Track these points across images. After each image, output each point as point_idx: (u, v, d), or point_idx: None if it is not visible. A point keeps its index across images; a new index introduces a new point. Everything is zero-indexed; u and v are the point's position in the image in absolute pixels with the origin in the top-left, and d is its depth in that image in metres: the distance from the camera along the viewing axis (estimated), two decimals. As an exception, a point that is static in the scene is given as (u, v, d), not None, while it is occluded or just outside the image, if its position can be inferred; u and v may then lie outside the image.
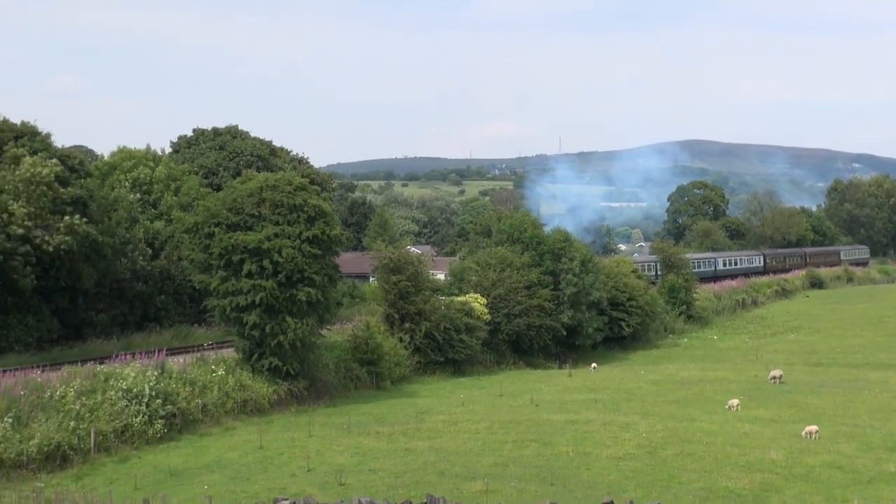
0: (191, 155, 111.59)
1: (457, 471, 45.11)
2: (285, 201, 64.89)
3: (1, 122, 76.80)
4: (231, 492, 41.99)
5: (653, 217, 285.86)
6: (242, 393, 60.69)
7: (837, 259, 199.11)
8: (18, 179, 68.16)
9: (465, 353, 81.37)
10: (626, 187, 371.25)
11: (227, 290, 63.27)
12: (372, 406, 65.08)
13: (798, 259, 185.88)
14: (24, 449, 46.70)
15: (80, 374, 54.23)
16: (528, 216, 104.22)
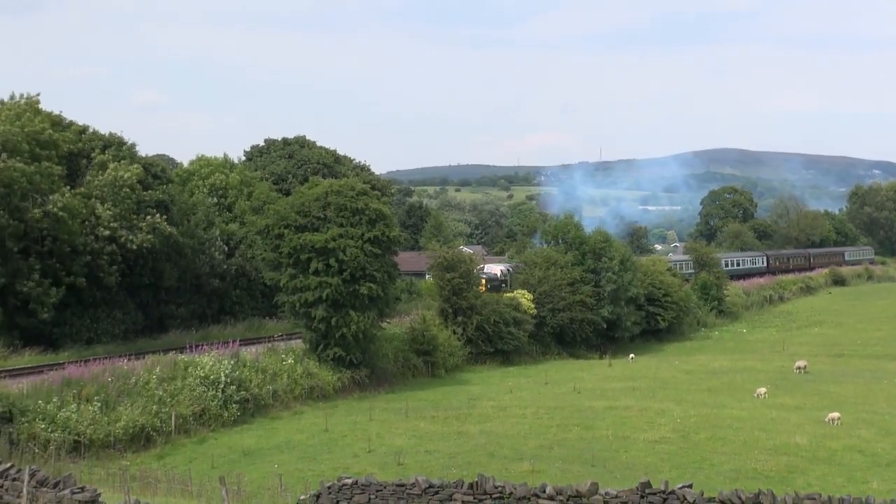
0: (262, 163, 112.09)
1: (505, 452, 45.04)
2: (349, 205, 65.10)
3: (90, 133, 77.48)
4: (299, 470, 42.10)
5: (686, 219, 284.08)
6: (309, 380, 60.90)
7: (841, 260, 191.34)
8: (104, 184, 68.79)
9: (513, 344, 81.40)
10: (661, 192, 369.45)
11: (296, 286, 63.58)
12: (427, 393, 65.13)
13: (801, 260, 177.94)
14: (111, 430, 47.09)
15: (162, 362, 54.64)
16: (570, 219, 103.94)
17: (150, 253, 69.78)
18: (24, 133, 63.97)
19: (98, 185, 68.86)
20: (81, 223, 66.05)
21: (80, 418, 46.42)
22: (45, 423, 45.36)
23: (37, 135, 65.55)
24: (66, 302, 65.29)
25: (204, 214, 79.89)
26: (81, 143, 74.63)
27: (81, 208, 66.27)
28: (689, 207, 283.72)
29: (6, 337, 60.74)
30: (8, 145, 62.75)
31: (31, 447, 43.79)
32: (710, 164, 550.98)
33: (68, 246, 65.17)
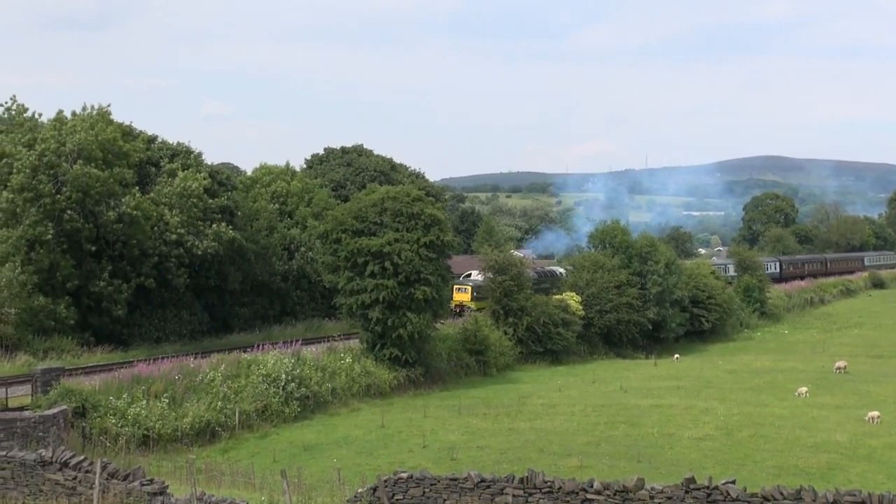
0: (322, 170, 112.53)
1: (554, 448, 44.91)
2: (404, 210, 65.21)
3: (159, 143, 78.26)
4: (357, 464, 42.18)
5: (729, 224, 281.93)
6: (367, 378, 61.01)
7: (861, 265, 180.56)
8: (173, 192, 69.44)
9: (561, 344, 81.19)
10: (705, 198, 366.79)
11: (353, 288, 63.78)
12: (479, 391, 65.06)
13: (818, 265, 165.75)
14: (178, 426, 47.43)
15: (226, 360, 54.96)
16: (617, 224, 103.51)
17: (216, 257, 70.35)
18: (97, 141, 64.70)
19: (167, 193, 69.55)
20: (151, 227, 66.75)
21: (149, 414, 46.80)
22: (115, 418, 45.78)
23: (109, 143, 66.27)
24: (136, 303, 65.97)
25: (266, 220, 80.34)
26: (151, 152, 75.41)
27: (152, 211, 66.97)
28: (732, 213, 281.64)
29: (80, 336, 61.40)
30: (83, 153, 63.49)
31: (103, 441, 44.24)
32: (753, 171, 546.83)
33: (138, 249, 65.89)
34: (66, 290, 62.60)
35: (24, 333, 58.25)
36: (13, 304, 57.82)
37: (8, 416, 42.47)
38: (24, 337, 58.11)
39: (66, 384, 46.38)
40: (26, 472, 24.27)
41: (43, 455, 24.20)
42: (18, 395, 46.35)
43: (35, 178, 61.48)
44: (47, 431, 42.27)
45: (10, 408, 44.41)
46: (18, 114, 70.18)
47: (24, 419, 42.27)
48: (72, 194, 62.54)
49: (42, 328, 59.52)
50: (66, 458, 23.83)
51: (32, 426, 42.11)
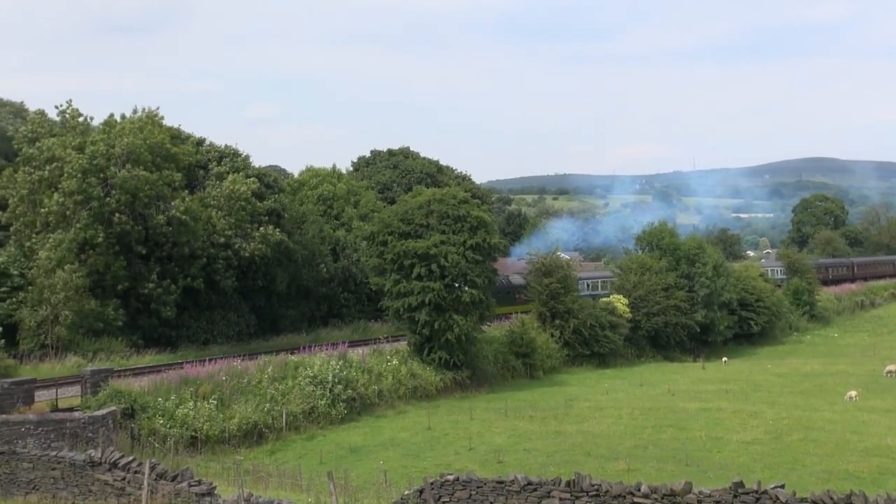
0: (369, 173, 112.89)
1: (601, 452, 44.73)
2: (450, 213, 65.21)
3: (207, 146, 78.87)
4: (403, 467, 42.20)
5: (779, 227, 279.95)
6: (413, 381, 61.05)
7: (892, 269, 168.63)
8: (221, 195, 69.95)
9: (609, 347, 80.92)
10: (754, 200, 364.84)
11: (400, 291, 63.83)
12: (526, 393, 64.91)
13: (844, 270, 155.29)
14: (226, 427, 47.66)
15: (273, 362, 55.19)
16: (665, 226, 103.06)
17: (263, 259, 70.79)
18: (146, 144, 65.28)
19: (215, 196, 70.12)
20: (200, 229, 67.29)
21: (196, 415, 47.07)
22: (164, 419, 46.10)
23: (158, 146, 66.87)
24: (184, 305, 66.47)
25: (314, 223, 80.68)
26: (199, 155, 76.02)
27: (200, 213, 67.51)
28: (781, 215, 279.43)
29: (129, 338, 61.92)
30: (132, 156, 64.08)
31: (151, 442, 44.54)
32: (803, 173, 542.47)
33: (187, 249, 66.45)
34: (116, 292, 63.22)
35: (74, 335, 58.86)
36: (67, 307, 58.43)
37: (58, 416, 42.88)
38: (74, 338, 58.71)
39: (115, 385, 46.77)
40: (76, 473, 24.49)
41: (92, 456, 24.40)
42: (68, 396, 46.82)
43: (85, 182, 62.15)
44: (96, 432, 42.63)
45: (60, 408, 44.85)
46: (72, 117, 70.91)
47: (73, 420, 42.67)
48: (121, 197, 63.17)
49: (92, 330, 60.12)
50: (115, 458, 24.03)
51: (82, 427, 42.49)
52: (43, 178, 63.91)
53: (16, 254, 64.69)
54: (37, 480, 25.26)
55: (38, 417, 42.16)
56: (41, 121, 71.72)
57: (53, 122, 72.18)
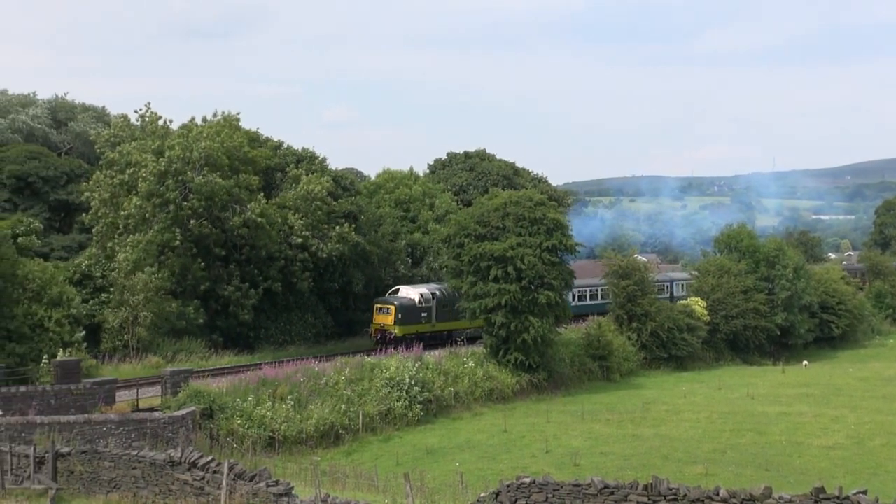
0: (445, 175, 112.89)
1: (679, 455, 44.46)
2: (527, 215, 65.08)
3: (285, 149, 79.62)
4: (479, 469, 42.22)
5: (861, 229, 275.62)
6: (489, 383, 61.02)
7: None
8: (297, 196, 70.56)
9: (686, 350, 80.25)
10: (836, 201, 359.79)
11: (476, 293, 63.83)
12: (603, 396, 64.62)
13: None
14: (303, 428, 48.03)
15: (350, 364, 55.50)
16: (744, 228, 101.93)
17: (340, 260, 71.28)
18: (223, 148, 66.02)
19: (291, 198, 70.73)
20: (277, 231, 67.90)
21: (274, 416, 47.48)
22: (242, 419, 46.55)
23: (235, 150, 67.63)
24: (261, 307, 67.03)
25: (390, 225, 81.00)
26: (277, 158, 76.75)
27: (277, 216, 68.11)
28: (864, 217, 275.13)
29: (208, 339, 62.65)
30: (209, 160, 64.85)
31: (230, 442, 45.02)
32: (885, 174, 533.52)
33: (265, 251, 67.10)
34: (196, 294, 64.00)
35: (155, 336, 59.67)
36: (147, 308, 59.25)
37: (139, 416, 43.48)
38: (154, 339, 59.52)
39: (194, 386, 47.36)
40: (156, 472, 24.80)
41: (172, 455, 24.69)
42: (149, 397, 47.54)
43: (163, 185, 63.02)
44: (176, 432, 43.16)
45: (141, 408, 45.54)
46: (151, 122, 71.93)
47: (154, 420, 43.24)
48: (198, 201, 63.95)
49: (172, 331, 60.93)
50: (195, 458, 24.28)
51: (162, 427, 43.04)
52: (124, 181, 64.91)
53: (98, 255, 65.76)
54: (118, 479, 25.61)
55: (119, 417, 42.78)
56: (122, 125, 72.88)
57: (134, 126, 73.29)
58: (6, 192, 79.48)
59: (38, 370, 50.46)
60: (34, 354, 52.84)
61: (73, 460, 26.70)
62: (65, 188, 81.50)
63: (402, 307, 68.21)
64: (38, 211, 78.52)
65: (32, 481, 26.70)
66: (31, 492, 26.11)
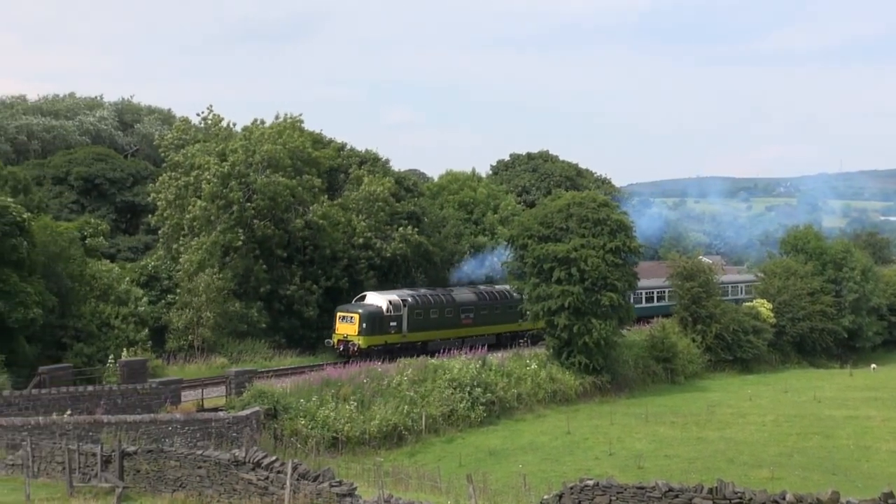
0: (507, 176, 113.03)
1: (744, 459, 44.09)
2: (590, 216, 64.80)
3: (348, 150, 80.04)
4: (542, 471, 42.14)
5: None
6: (552, 384, 60.84)
7: None
8: (359, 197, 70.93)
9: (752, 352, 79.52)
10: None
11: (539, 294, 63.69)
12: (667, 398, 64.22)
13: None
14: (366, 428, 48.13)
15: (413, 365, 55.55)
16: (810, 229, 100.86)
17: (403, 261, 71.46)
18: (286, 150, 66.50)
19: (354, 199, 71.09)
20: (340, 232, 68.29)
21: (337, 416, 47.64)
22: (305, 419, 46.76)
23: (298, 151, 68.10)
24: (325, 306, 67.33)
25: (453, 227, 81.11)
26: (340, 160, 77.18)
27: (340, 217, 68.48)
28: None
29: (271, 339, 63.08)
30: (272, 162, 65.35)
31: (293, 442, 45.24)
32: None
33: (329, 250, 67.50)
34: (259, 295, 64.49)
35: (219, 336, 60.20)
36: (210, 309, 59.78)
37: (204, 416, 43.84)
38: (219, 340, 60.05)
39: (258, 386, 47.67)
40: (221, 472, 24.98)
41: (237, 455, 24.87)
42: (213, 397, 47.93)
43: (226, 187, 63.58)
44: (240, 432, 43.48)
45: (206, 408, 45.91)
46: (214, 124, 72.63)
47: (218, 420, 43.58)
48: (261, 201, 64.45)
49: (236, 332, 61.43)
50: (259, 458, 24.44)
51: (226, 427, 43.38)
52: (189, 183, 65.58)
53: (164, 257, 66.51)
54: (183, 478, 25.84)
55: (184, 417, 43.17)
56: (185, 128, 73.69)
57: (197, 128, 74.08)
58: (74, 193, 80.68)
59: (104, 370, 51.14)
60: (101, 355, 53.61)
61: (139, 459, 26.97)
62: (131, 190, 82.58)
63: (367, 315, 61.91)
64: (105, 212, 79.67)
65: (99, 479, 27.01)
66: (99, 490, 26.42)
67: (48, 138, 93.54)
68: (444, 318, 66.69)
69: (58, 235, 57.44)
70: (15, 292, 49.62)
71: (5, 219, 50.53)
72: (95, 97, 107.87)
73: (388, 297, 63.51)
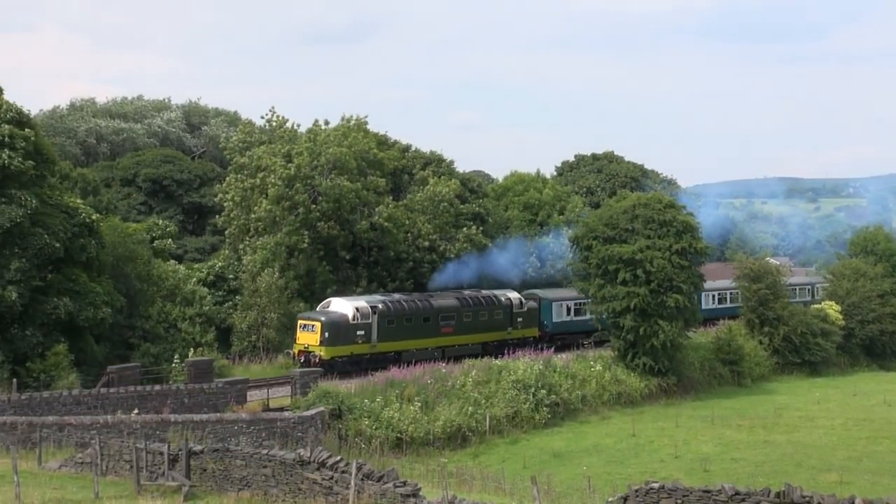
0: (572, 177, 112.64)
1: (813, 463, 43.63)
2: (656, 217, 64.42)
3: (413, 152, 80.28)
4: (607, 473, 41.98)
5: None
6: (617, 386, 60.57)
7: None
8: (424, 198, 71.10)
9: (820, 355, 78.53)
10: None
11: (604, 296, 63.42)
12: (733, 401, 63.64)
13: None
14: (430, 429, 48.24)
15: (477, 366, 55.56)
16: (880, 230, 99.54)
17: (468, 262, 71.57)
18: (351, 152, 66.80)
19: (419, 200, 71.28)
20: (405, 234, 68.49)
21: (401, 417, 47.75)
22: (370, 420, 46.94)
23: (363, 153, 68.39)
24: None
25: (518, 228, 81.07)
26: (405, 161, 77.41)
27: (404, 219, 68.66)
28: None
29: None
30: (337, 164, 65.68)
31: (358, 442, 45.47)
32: None
33: (393, 252, 67.74)
34: (324, 296, 64.82)
35: (284, 337, 60.53)
36: (274, 309, 60.18)
37: (269, 416, 44.17)
38: (284, 340, 60.39)
39: (323, 387, 47.92)
40: (286, 471, 25.12)
41: (302, 455, 24.98)
42: (279, 397, 48.29)
43: (291, 189, 64.00)
44: (305, 432, 43.74)
45: (271, 408, 46.25)
46: (278, 126, 73.15)
47: (283, 420, 43.88)
48: (326, 203, 64.79)
49: (300, 332, 61.78)
50: (324, 458, 24.53)
51: (291, 426, 43.66)
52: (255, 185, 66.09)
53: (230, 258, 67.09)
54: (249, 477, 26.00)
55: (250, 416, 43.52)
56: (249, 130, 74.30)
57: (262, 130, 74.68)
58: (142, 195, 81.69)
59: (171, 370, 51.72)
60: (167, 354, 54.26)
61: (205, 458, 27.19)
62: (198, 191, 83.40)
63: (329, 324, 56.30)
64: (172, 213, 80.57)
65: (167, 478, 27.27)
66: (166, 488, 26.67)
67: (117, 140, 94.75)
68: (420, 326, 61.08)
69: (126, 236, 58.26)
70: (84, 292, 50.38)
71: (75, 220, 51.34)
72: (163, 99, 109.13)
73: (355, 304, 58.21)
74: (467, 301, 64.93)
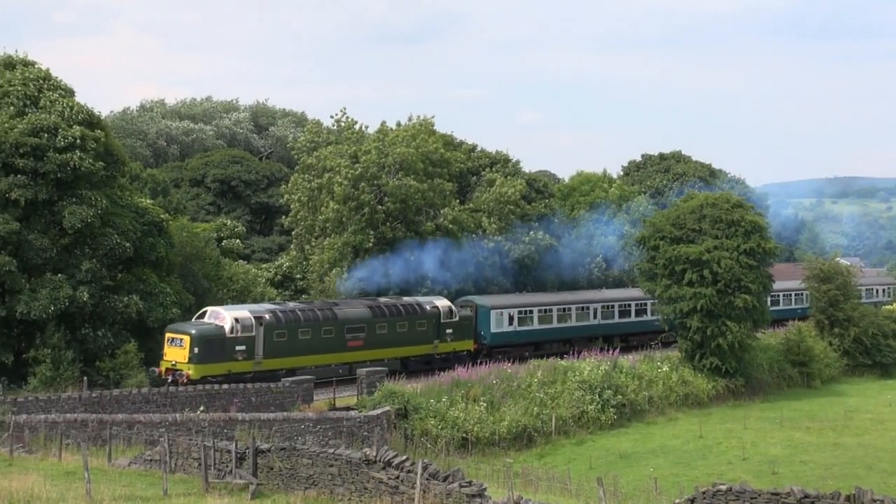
0: (639, 177, 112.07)
1: (884, 466, 43.10)
2: (724, 217, 63.92)
3: (479, 152, 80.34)
4: (674, 475, 41.75)
5: None
6: (684, 387, 60.19)
7: None
8: (490, 199, 71.12)
9: (892, 357, 77.43)
10: None
11: (671, 296, 63.04)
12: (802, 403, 62.96)
13: None
14: (496, 429, 48.21)
15: (543, 367, 55.45)
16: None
17: (532, 262, 71.48)
18: (418, 153, 66.94)
19: (485, 200, 71.31)
20: (469, 235, 68.54)
21: (467, 417, 47.77)
22: (435, 420, 47.00)
23: (430, 154, 68.50)
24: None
25: (584, 228, 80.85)
26: (471, 161, 77.46)
27: (470, 222, 68.69)
28: None
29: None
30: (404, 165, 65.86)
31: (423, 442, 45.54)
32: None
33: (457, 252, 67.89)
34: (389, 296, 65.13)
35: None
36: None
37: (335, 415, 44.42)
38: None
39: (388, 386, 48.05)
40: (352, 470, 25.21)
41: (367, 454, 25.07)
42: (345, 396, 48.53)
43: (357, 188, 64.26)
44: (371, 431, 43.94)
45: (338, 407, 46.49)
46: (347, 127, 73.49)
47: (350, 419, 44.12)
48: (392, 204, 64.99)
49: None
50: (389, 457, 24.60)
51: (358, 426, 43.89)
52: (322, 184, 66.43)
53: (298, 257, 67.53)
54: (315, 476, 26.12)
55: (316, 416, 43.78)
56: (317, 130, 74.72)
57: (329, 130, 75.07)
58: (210, 195, 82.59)
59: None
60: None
61: (272, 457, 27.36)
62: (265, 191, 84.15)
63: (200, 338, 47.83)
64: (240, 213, 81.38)
65: (234, 476, 27.47)
66: (233, 486, 26.88)
67: (186, 141, 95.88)
68: (320, 339, 52.54)
69: (194, 236, 58.87)
70: (154, 292, 51.00)
71: (145, 219, 52.02)
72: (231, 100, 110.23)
73: (235, 314, 49.82)
74: (381, 310, 56.57)
